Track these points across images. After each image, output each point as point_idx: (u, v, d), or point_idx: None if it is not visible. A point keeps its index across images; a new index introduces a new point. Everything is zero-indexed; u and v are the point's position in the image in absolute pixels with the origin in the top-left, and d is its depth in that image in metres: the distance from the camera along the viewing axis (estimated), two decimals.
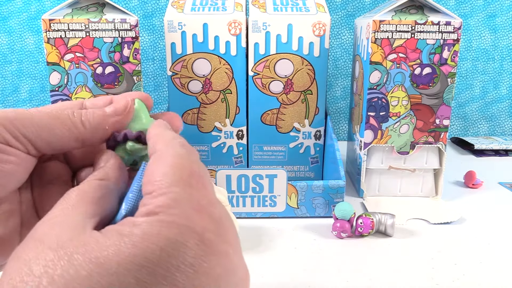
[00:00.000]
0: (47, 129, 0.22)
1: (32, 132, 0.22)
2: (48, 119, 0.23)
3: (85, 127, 0.23)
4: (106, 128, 0.24)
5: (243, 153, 0.67)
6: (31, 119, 0.22)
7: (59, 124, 0.23)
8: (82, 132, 0.23)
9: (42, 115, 0.23)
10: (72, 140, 0.23)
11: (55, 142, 0.23)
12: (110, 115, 0.24)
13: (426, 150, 0.65)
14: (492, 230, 0.56)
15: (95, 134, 0.24)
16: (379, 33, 0.59)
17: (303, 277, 0.45)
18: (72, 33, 0.59)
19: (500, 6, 0.95)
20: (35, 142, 0.22)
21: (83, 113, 0.24)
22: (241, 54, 0.62)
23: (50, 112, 0.23)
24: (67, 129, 0.23)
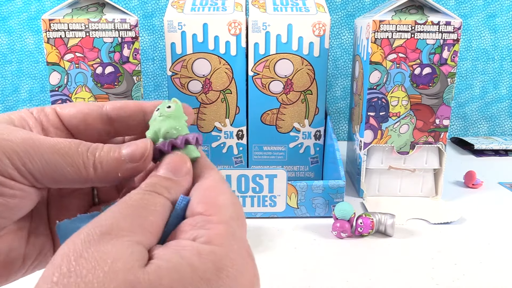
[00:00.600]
0: (55, 168, 0.21)
1: (39, 170, 0.20)
2: (58, 157, 0.21)
3: (96, 172, 0.21)
4: (119, 175, 0.22)
5: (243, 153, 0.67)
6: (41, 156, 0.20)
7: (68, 165, 0.21)
8: (91, 176, 0.21)
9: (53, 151, 0.21)
10: (79, 182, 0.21)
11: (62, 181, 0.21)
12: (126, 161, 0.22)
13: (426, 150, 0.65)
14: (492, 230, 0.56)
15: (106, 179, 0.22)
16: (379, 33, 0.59)
17: (303, 277, 0.45)
18: (72, 33, 0.59)
19: (500, 6, 0.95)
20: (40, 179, 0.21)
21: (97, 155, 0.21)
22: (241, 54, 0.62)
23: (63, 149, 0.21)
24: (76, 171, 0.21)
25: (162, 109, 0.24)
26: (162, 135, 0.23)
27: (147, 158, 0.22)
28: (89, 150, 0.21)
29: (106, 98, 0.61)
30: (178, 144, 0.23)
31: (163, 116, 0.24)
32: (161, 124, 0.23)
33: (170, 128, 0.23)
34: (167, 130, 0.23)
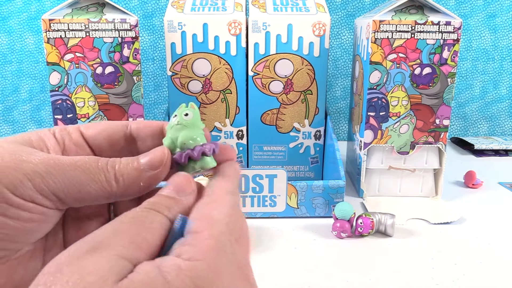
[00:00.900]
0: (78, 186, 0.21)
1: (62, 190, 0.20)
2: (81, 175, 0.21)
3: (119, 184, 0.21)
4: (141, 184, 0.22)
5: (243, 153, 0.67)
6: (64, 175, 0.20)
7: (91, 181, 0.21)
8: (114, 190, 0.21)
9: (76, 169, 0.21)
10: (103, 198, 0.21)
11: (86, 198, 0.21)
12: (145, 170, 0.22)
13: (426, 150, 0.65)
14: (492, 230, 0.56)
15: (129, 191, 0.22)
16: (379, 33, 0.59)
17: (303, 277, 0.45)
18: (72, 33, 0.59)
19: (500, 6, 0.95)
20: (64, 199, 0.21)
21: (117, 168, 0.22)
22: (241, 54, 0.62)
23: (83, 166, 0.21)
24: (100, 187, 0.21)
25: (180, 117, 0.24)
26: (179, 145, 0.23)
27: (166, 164, 0.22)
28: (108, 164, 0.22)
29: (106, 98, 0.61)
30: (195, 156, 0.23)
31: (180, 124, 0.23)
32: (178, 133, 0.23)
33: (187, 139, 0.23)
34: (184, 141, 0.23)
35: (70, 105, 0.61)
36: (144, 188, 0.22)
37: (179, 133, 0.23)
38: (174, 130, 0.24)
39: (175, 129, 0.24)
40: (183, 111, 0.24)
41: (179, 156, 0.23)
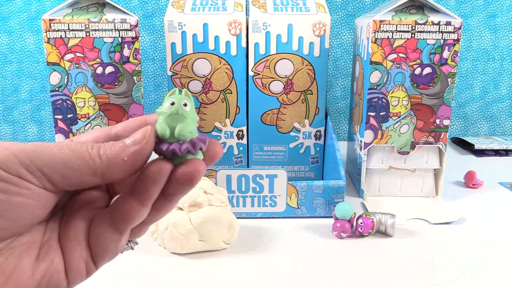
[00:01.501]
0: (63, 162, 0.22)
1: (48, 166, 0.21)
2: (65, 152, 0.22)
3: (102, 160, 0.22)
4: (125, 159, 0.22)
5: (243, 153, 0.67)
6: (49, 153, 0.21)
7: (75, 157, 0.22)
8: (98, 165, 0.22)
9: (60, 147, 0.22)
10: (89, 174, 0.22)
11: (72, 176, 0.22)
12: (128, 145, 0.23)
13: (426, 150, 0.65)
14: (492, 230, 0.56)
15: (114, 167, 0.22)
16: (379, 33, 0.59)
17: (303, 277, 0.45)
18: (72, 33, 0.59)
19: (500, 6, 0.95)
20: (50, 176, 0.22)
21: (102, 146, 0.23)
22: (241, 54, 0.62)
23: (68, 145, 0.22)
24: (83, 162, 0.22)
25: (179, 106, 0.23)
26: (177, 136, 0.23)
27: (149, 139, 0.23)
28: (94, 145, 0.23)
29: (106, 98, 0.61)
30: (193, 152, 0.23)
31: (180, 114, 0.23)
32: (175, 123, 0.23)
33: (186, 132, 0.23)
34: (183, 133, 0.23)
35: (70, 105, 0.61)
36: (130, 165, 0.23)
37: (176, 123, 0.23)
38: (171, 119, 0.23)
39: (172, 118, 0.23)
40: (181, 99, 0.23)
41: (178, 148, 0.23)
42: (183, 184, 0.23)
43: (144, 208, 0.23)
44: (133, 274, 0.46)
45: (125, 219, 0.23)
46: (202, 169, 0.23)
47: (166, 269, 0.47)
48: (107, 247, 0.24)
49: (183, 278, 0.45)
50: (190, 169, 0.23)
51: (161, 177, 0.22)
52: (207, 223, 0.48)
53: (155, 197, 0.23)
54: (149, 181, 0.23)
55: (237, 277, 0.45)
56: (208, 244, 0.49)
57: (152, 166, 0.23)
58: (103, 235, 0.23)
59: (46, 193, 0.22)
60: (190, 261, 0.48)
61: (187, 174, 0.23)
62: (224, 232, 0.49)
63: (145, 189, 0.23)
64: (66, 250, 0.24)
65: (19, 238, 0.22)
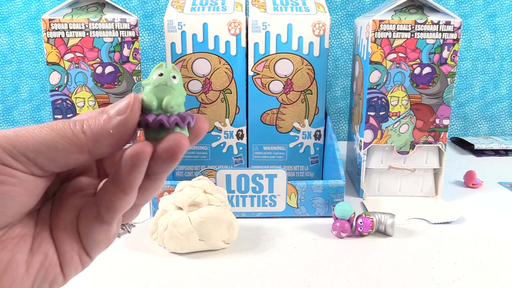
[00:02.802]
0: (46, 144, 0.20)
1: (31, 150, 0.20)
2: (47, 133, 0.20)
3: (87, 135, 0.21)
4: (111, 132, 0.21)
5: (243, 153, 0.67)
6: (30, 136, 0.20)
7: (58, 136, 0.20)
8: (83, 141, 0.21)
9: (41, 129, 0.21)
10: (76, 152, 0.21)
11: (58, 157, 0.21)
12: (113, 116, 0.21)
13: (426, 150, 0.65)
14: (491, 230, 0.56)
15: (100, 141, 0.21)
16: (379, 33, 0.59)
17: (303, 277, 0.45)
18: (72, 33, 0.59)
19: (500, 6, 0.94)
20: (36, 160, 0.20)
21: (85, 121, 0.21)
22: (241, 54, 0.62)
23: (49, 125, 0.21)
24: (67, 140, 0.20)
25: (168, 77, 0.22)
26: (164, 107, 0.21)
27: (134, 107, 0.21)
28: (76, 121, 0.21)
29: (106, 98, 0.61)
30: (181, 126, 0.22)
31: (169, 86, 0.22)
32: (163, 94, 0.22)
33: (174, 103, 0.22)
34: (170, 104, 0.21)
35: (70, 105, 0.61)
36: (117, 138, 0.21)
37: (164, 94, 0.22)
38: (159, 90, 0.22)
39: (160, 89, 0.22)
40: (169, 72, 0.22)
41: (166, 119, 0.21)
42: (164, 161, 0.21)
43: (128, 196, 0.22)
44: (133, 274, 0.46)
45: (110, 209, 0.22)
46: (185, 144, 0.21)
47: (165, 268, 0.47)
48: (97, 238, 0.23)
49: (182, 277, 0.45)
50: (171, 143, 0.21)
51: (141, 161, 0.21)
52: (206, 223, 0.48)
53: (138, 183, 0.22)
54: (127, 167, 0.21)
55: (236, 277, 0.45)
56: (207, 244, 0.49)
57: (129, 150, 0.21)
58: (91, 227, 0.22)
59: (34, 179, 0.21)
60: (189, 260, 0.48)
61: (169, 150, 0.21)
62: (223, 232, 0.49)
63: (125, 176, 0.21)
64: (58, 242, 0.23)
65: (10, 230, 0.22)
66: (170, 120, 0.21)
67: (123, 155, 0.21)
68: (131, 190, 0.22)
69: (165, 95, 0.22)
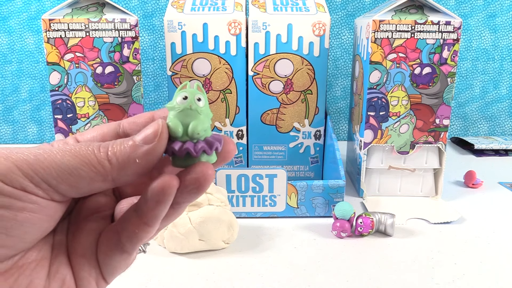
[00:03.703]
0: (70, 171, 0.19)
1: (53, 177, 0.19)
2: (70, 159, 0.19)
3: (112, 163, 0.20)
4: (137, 162, 0.20)
5: (243, 153, 0.67)
6: (53, 161, 0.19)
7: (82, 163, 0.19)
8: (108, 170, 0.20)
9: (64, 154, 0.20)
10: (100, 181, 0.20)
11: (81, 185, 0.20)
12: (140, 144, 0.20)
13: (426, 149, 0.65)
14: (492, 230, 0.56)
15: (125, 170, 0.20)
16: (379, 33, 0.59)
17: (303, 277, 0.45)
18: (72, 33, 0.59)
19: (500, 6, 0.95)
20: (57, 187, 0.19)
21: (110, 147, 0.20)
22: (241, 54, 0.62)
23: (73, 150, 0.20)
24: (92, 168, 0.20)
25: (193, 101, 0.21)
26: (191, 134, 0.20)
27: (162, 136, 0.20)
28: (101, 146, 0.20)
29: (106, 98, 0.61)
30: (209, 153, 0.21)
31: (193, 109, 0.20)
32: (189, 119, 0.21)
33: (200, 129, 0.20)
34: (197, 131, 0.20)
35: (70, 104, 0.61)
36: (143, 167, 0.20)
37: (189, 119, 0.20)
38: (184, 115, 0.20)
39: (185, 114, 0.20)
40: (195, 94, 0.21)
41: (193, 147, 0.20)
42: (190, 192, 0.21)
43: (152, 228, 0.21)
44: (133, 274, 0.46)
45: (132, 240, 0.21)
46: (211, 175, 0.20)
47: (166, 268, 0.47)
48: (116, 266, 0.22)
49: (182, 277, 0.45)
50: (197, 176, 0.20)
51: (167, 197, 0.20)
52: (206, 223, 0.48)
53: (162, 216, 0.21)
54: (153, 202, 0.20)
55: (236, 277, 0.45)
56: (207, 244, 0.49)
57: (156, 185, 0.20)
58: (111, 255, 0.22)
59: (54, 205, 0.20)
60: (189, 260, 0.48)
61: (195, 182, 0.20)
62: (223, 232, 0.49)
63: (150, 210, 0.20)
64: (76, 268, 0.22)
65: (27, 254, 0.21)
66: (197, 148, 0.20)
67: (149, 189, 0.20)
68: (155, 223, 0.21)
69: (190, 120, 0.21)
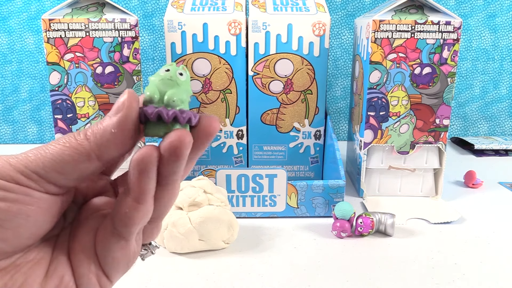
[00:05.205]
0: (54, 158, 0.20)
1: (41, 167, 0.20)
2: (53, 148, 0.20)
3: (90, 140, 0.20)
4: (113, 131, 0.20)
5: (243, 153, 0.67)
6: (39, 154, 0.20)
7: (64, 148, 0.20)
8: (88, 148, 0.20)
9: (48, 146, 0.21)
10: (84, 161, 0.20)
11: (68, 169, 0.20)
12: (112, 116, 0.21)
13: (426, 149, 0.65)
14: (492, 230, 0.56)
15: (105, 144, 0.20)
16: (379, 33, 0.59)
17: (303, 277, 0.45)
18: (72, 33, 0.59)
19: (500, 6, 0.94)
20: (47, 176, 0.20)
21: (88, 128, 0.21)
22: (241, 54, 0.62)
23: (56, 141, 0.21)
24: (74, 150, 0.20)
25: (174, 73, 0.21)
26: (166, 101, 0.21)
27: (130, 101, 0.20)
28: (79, 132, 0.21)
29: (106, 98, 0.61)
30: (181, 120, 0.21)
31: (174, 81, 0.21)
32: (167, 88, 0.21)
33: (179, 99, 0.21)
34: (172, 97, 0.21)
35: (70, 104, 0.61)
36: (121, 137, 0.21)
37: (168, 89, 0.21)
38: (163, 84, 0.21)
39: (164, 83, 0.21)
40: (177, 69, 0.22)
41: (165, 112, 0.21)
42: (169, 160, 0.20)
43: (142, 206, 0.21)
44: (133, 274, 0.46)
45: (125, 222, 0.21)
46: (188, 140, 0.20)
47: (165, 268, 0.47)
48: (115, 257, 0.22)
49: (182, 277, 0.45)
50: (171, 139, 0.20)
51: (147, 165, 0.20)
52: (206, 223, 0.48)
53: (150, 191, 0.21)
54: (136, 174, 0.20)
55: (236, 277, 0.45)
56: (207, 244, 0.49)
57: (135, 156, 0.20)
58: (108, 244, 0.22)
59: (48, 197, 0.21)
60: (189, 260, 0.48)
61: (171, 146, 0.20)
62: (223, 232, 0.49)
63: (135, 184, 0.21)
64: (75, 265, 0.22)
65: (26, 255, 0.21)
66: (169, 113, 0.21)
67: (130, 161, 0.21)
68: (144, 198, 0.21)
69: (167, 89, 0.21)
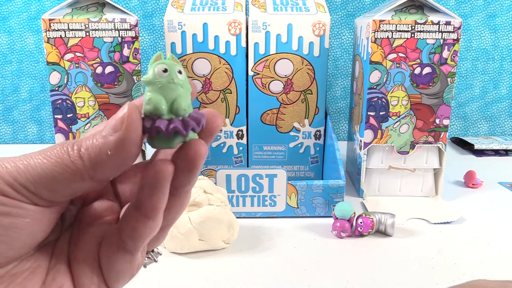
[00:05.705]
0: (45, 174, 0.18)
1: (31, 182, 0.18)
2: (45, 161, 0.19)
3: (84, 160, 0.19)
4: (109, 153, 0.18)
5: (243, 153, 0.67)
6: (30, 166, 0.19)
7: (55, 164, 0.18)
8: (81, 168, 0.19)
9: (38, 157, 0.19)
10: (77, 181, 0.19)
11: (59, 188, 0.19)
12: (109, 134, 0.18)
13: (426, 149, 0.65)
14: (492, 230, 0.56)
15: (100, 166, 0.19)
16: (379, 33, 0.59)
17: (303, 277, 0.45)
18: (72, 32, 0.59)
19: (500, 6, 0.94)
20: (37, 192, 0.19)
21: (83, 142, 0.19)
22: (241, 54, 0.62)
23: (48, 152, 0.19)
24: (65, 169, 0.18)
25: (174, 74, 0.19)
26: (175, 111, 0.19)
27: (130, 121, 0.18)
28: (75, 143, 0.19)
29: (106, 98, 0.61)
30: (196, 130, 0.19)
31: (176, 83, 0.19)
32: (172, 94, 0.19)
33: (186, 105, 0.19)
34: (183, 108, 0.19)
35: (70, 104, 0.61)
36: (119, 158, 0.18)
37: (172, 94, 0.19)
38: (166, 89, 0.18)
39: (167, 88, 0.18)
40: (174, 66, 0.19)
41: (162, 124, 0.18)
42: (185, 174, 0.19)
43: (152, 221, 0.20)
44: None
45: (133, 236, 0.20)
46: (205, 152, 0.19)
47: (166, 268, 0.47)
48: (120, 270, 0.21)
49: (182, 277, 0.45)
50: (192, 155, 0.19)
51: (162, 182, 0.19)
52: (206, 223, 0.48)
53: (162, 206, 0.20)
54: (148, 190, 0.19)
55: (236, 277, 0.45)
56: (207, 244, 0.49)
57: (148, 171, 0.19)
58: (113, 257, 0.21)
59: (41, 209, 0.19)
60: (189, 260, 0.48)
61: (191, 161, 0.19)
62: (223, 232, 0.49)
63: (147, 199, 0.19)
64: (76, 275, 0.21)
65: (21, 263, 0.20)
66: (187, 126, 0.19)
67: (144, 176, 0.19)
68: (155, 214, 0.19)
69: (173, 95, 0.19)
